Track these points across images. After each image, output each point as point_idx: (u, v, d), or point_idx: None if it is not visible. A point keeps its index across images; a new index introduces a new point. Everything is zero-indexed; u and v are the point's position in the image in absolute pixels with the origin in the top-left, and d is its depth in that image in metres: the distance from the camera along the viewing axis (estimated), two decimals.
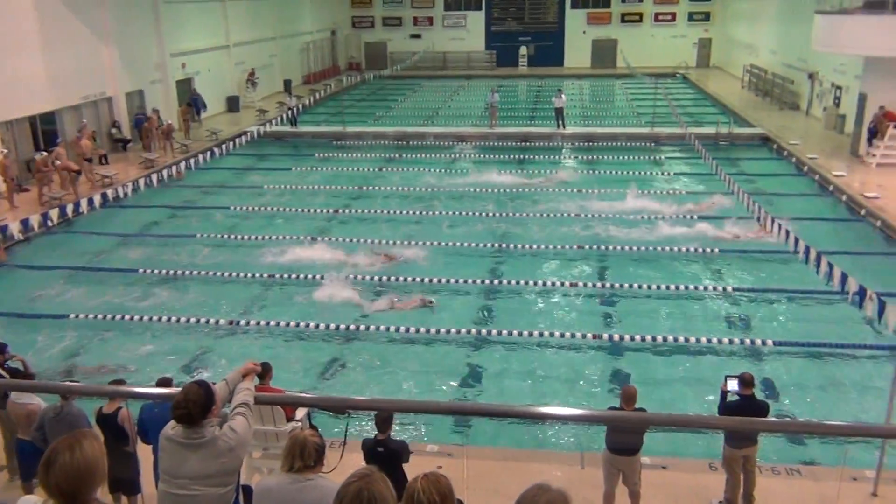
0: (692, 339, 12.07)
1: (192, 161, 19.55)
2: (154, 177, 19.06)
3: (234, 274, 15.28)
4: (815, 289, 13.39)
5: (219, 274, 15.32)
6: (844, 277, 10.32)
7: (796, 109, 32.51)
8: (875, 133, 22.48)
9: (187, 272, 15.44)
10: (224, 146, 21.42)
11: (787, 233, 13.37)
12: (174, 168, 20.15)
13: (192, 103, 30.09)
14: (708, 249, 16.12)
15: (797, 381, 11.10)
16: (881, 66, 22.63)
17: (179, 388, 4.09)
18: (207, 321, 13.12)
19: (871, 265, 14.99)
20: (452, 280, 14.75)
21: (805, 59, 31.02)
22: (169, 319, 13.18)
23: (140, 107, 27.41)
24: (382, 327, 12.69)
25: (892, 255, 15.95)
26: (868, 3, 22.66)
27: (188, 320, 13.17)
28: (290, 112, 28.55)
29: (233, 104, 34.89)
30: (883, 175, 21.23)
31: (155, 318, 13.25)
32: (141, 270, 15.45)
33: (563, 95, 29.03)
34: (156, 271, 15.41)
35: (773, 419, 8.76)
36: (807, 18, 26.18)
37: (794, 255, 13.51)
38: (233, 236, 17.76)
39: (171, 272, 15.39)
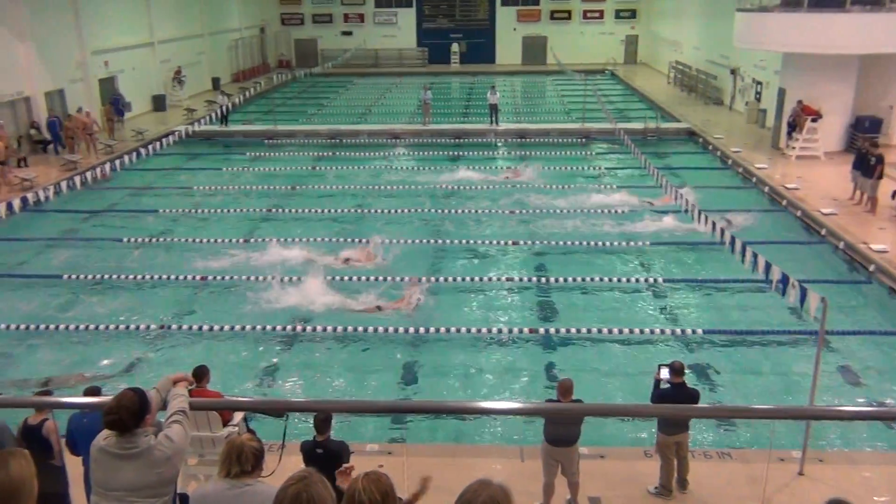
0: (626, 331, 12.33)
1: (117, 162, 18.91)
2: (77, 179, 18.40)
3: (165, 277, 14.89)
4: (742, 278, 13.84)
5: (149, 277, 14.91)
6: (768, 266, 10.68)
7: (720, 104, 33.54)
8: (794, 126, 23.36)
9: (115, 276, 14.98)
10: (151, 146, 20.82)
11: (714, 224, 13.76)
12: (98, 169, 19.49)
13: (113, 103, 29.15)
14: (640, 242, 16.51)
15: (726, 367, 11.46)
16: (798, 62, 23.54)
17: (109, 398, 3.97)
18: (137, 327, 12.76)
19: (793, 254, 15.60)
20: (389, 278, 14.72)
21: (727, 56, 32.02)
22: (97, 327, 12.76)
23: (53, 109, 26.32)
24: (320, 328, 12.57)
25: (812, 244, 16.60)
26: (785, 2, 23.49)
27: (117, 327, 12.78)
28: (221, 110, 27.93)
29: (159, 103, 33.96)
30: (802, 167, 22.10)
31: (82, 326, 12.81)
32: (66, 276, 14.91)
33: (497, 92, 29.28)
34: (82, 277, 14.89)
35: (704, 405, 9.02)
36: (728, 16, 27.00)
37: (721, 246, 13.93)
38: (163, 238, 17.32)
39: (99, 277, 14.91)
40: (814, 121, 22.89)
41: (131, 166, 21.92)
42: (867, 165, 17.78)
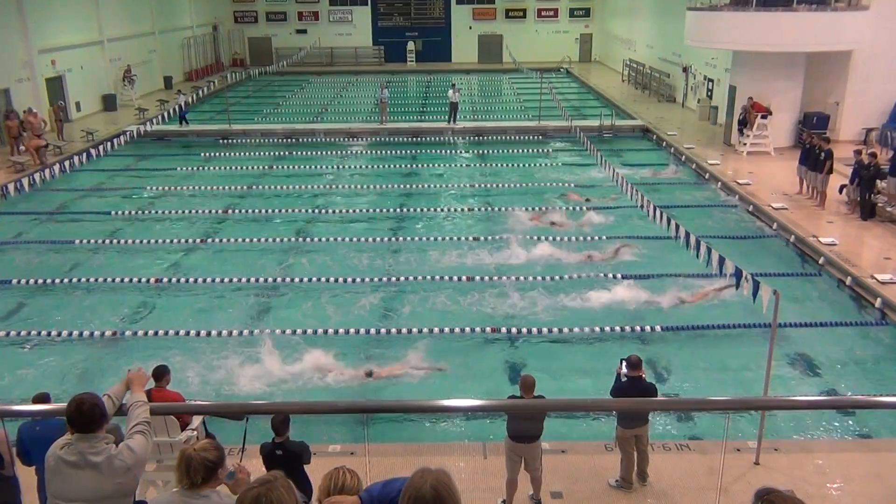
0: (586, 329, 12.45)
1: (66, 163, 18.47)
2: (25, 181, 17.89)
3: (117, 280, 14.58)
4: (696, 272, 14.06)
5: (101, 281, 14.59)
6: (722, 260, 10.88)
7: (673, 102, 34.09)
8: (745, 123, 23.86)
9: (66, 281, 14.62)
10: (101, 147, 20.36)
11: (669, 220, 13.96)
12: (47, 171, 19.00)
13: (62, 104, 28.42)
14: (597, 237, 16.67)
15: (683, 361, 11.65)
16: (748, 60, 24.03)
17: (61, 405, 3.87)
18: (92, 333, 12.46)
19: (746, 248, 15.93)
20: (349, 279, 14.64)
21: (679, 54, 32.56)
22: (49, 333, 12.43)
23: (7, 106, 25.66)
24: (279, 331, 12.44)
25: (763, 238, 16.97)
26: (735, 1, 23.96)
27: (70, 333, 12.45)
28: (178, 108, 27.46)
29: (109, 103, 33.23)
30: (753, 163, 22.58)
31: (34, 331, 12.46)
32: (14, 281, 14.50)
33: (458, 90, 29.30)
34: (31, 281, 14.50)
35: (662, 398, 9.17)
36: (679, 15, 27.45)
37: (676, 241, 14.14)
38: (115, 241, 16.95)
39: (48, 281, 14.53)
40: (764, 117, 23.40)
41: (81, 167, 21.46)
42: (815, 160, 18.24)
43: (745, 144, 23.74)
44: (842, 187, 18.18)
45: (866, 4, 22.39)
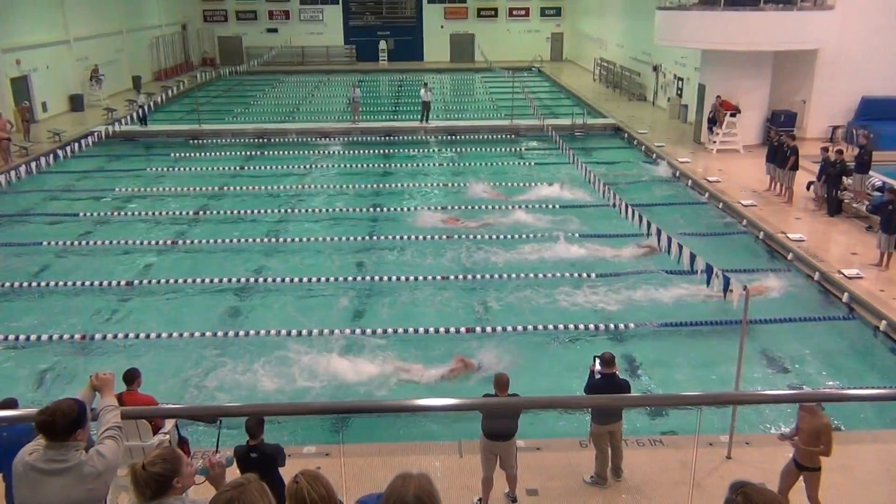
0: (560, 326, 12.52)
1: (32, 164, 18.14)
2: None
3: (87, 283, 14.36)
4: (668, 269, 14.20)
5: (70, 284, 14.36)
6: (693, 257, 11.00)
7: (644, 100, 34.38)
8: (714, 121, 24.13)
9: (33, 284, 14.38)
10: (69, 148, 20.05)
11: (641, 217, 14.09)
12: (13, 172, 18.67)
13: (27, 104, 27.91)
14: (570, 234, 16.75)
15: (656, 357, 11.76)
16: (717, 59, 24.31)
17: (30, 410, 3.79)
18: (61, 337, 12.26)
19: (716, 244, 16.12)
20: (324, 279, 14.58)
21: (649, 53, 32.84)
22: (17, 337, 12.22)
23: None
24: (252, 332, 12.35)
25: (733, 234, 17.17)
26: (703, 0, 24.23)
27: (38, 337, 12.25)
28: (139, 111, 27.05)
29: (77, 103, 32.71)
30: (722, 160, 22.85)
31: (0, 336, 12.25)
32: None
33: (431, 90, 29.26)
34: None
35: (635, 394, 9.24)
36: (649, 14, 27.67)
37: (648, 238, 14.26)
38: (84, 243, 16.70)
39: (15, 285, 14.28)
40: (732, 115, 23.69)
41: (48, 169, 21.13)
42: (783, 158, 18.51)
43: (714, 142, 24.01)
44: (809, 184, 18.47)
45: (831, 4, 22.76)
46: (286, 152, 25.89)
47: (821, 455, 7.08)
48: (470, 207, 19.04)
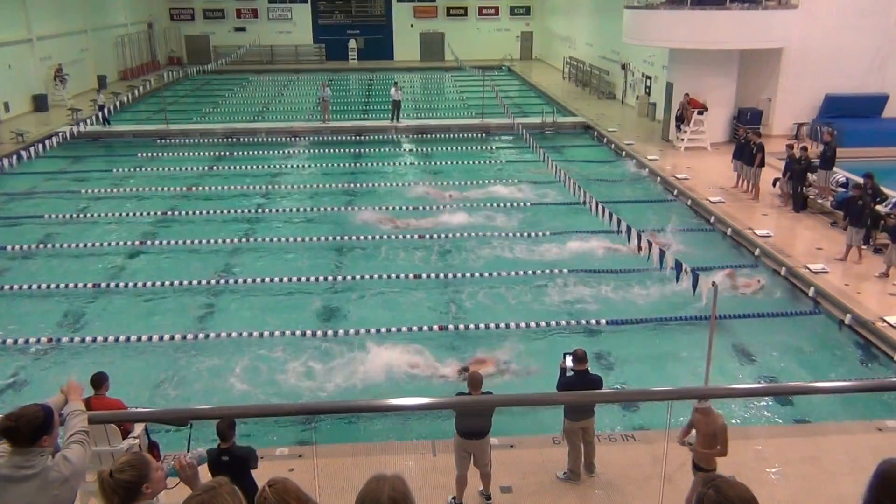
0: (532, 324, 12.57)
1: None
2: None
3: (52, 286, 14.11)
4: (639, 267, 14.32)
5: (34, 287, 14.10)
6: (662, 254, 11.12)
7: (613, 98, 34.64)
8: (682, 119, 24.40)
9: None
10: (32, 149, 19.67)
11: (611, 215, 14.21)
12: None
13: None
14: (540, 233, 16.83)
15: (628, 353, 11.86)
16: (684, 57, 24.58)
17: None
18: (27, 341, 12.03)
19: (686, 241, 16.28)
20: (294, 279, 14.48)
21: (618, 52, 33.09)
22: None
23: None
24: (224, 334, 12.23)
25: (702, 231, 17.37)
26: None
27: (3, 342, 12.01)
28: (101, 111, 26.59)
29: (40, 103, 32.12)
30: (690, 158, 23.11)
31: None
32: None
33: (400, 89, 29.19)
34: None
35: (607, 390, 9.30)
36: (617, 13, 27.90)
37: (618, 235, 14.39)
38: (49, 245, 16.40)
39: None
40: (700, 113, 23.97)
41: (11, 170, 20.74)
42: (749, 154, 18.77)
43: (682, 140, 24.27)
44: (775, 180, 18.75)
45: (795, 3, 23.12)
46: (256, 152, 25.67)
47: (717, 456, 7.13)
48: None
